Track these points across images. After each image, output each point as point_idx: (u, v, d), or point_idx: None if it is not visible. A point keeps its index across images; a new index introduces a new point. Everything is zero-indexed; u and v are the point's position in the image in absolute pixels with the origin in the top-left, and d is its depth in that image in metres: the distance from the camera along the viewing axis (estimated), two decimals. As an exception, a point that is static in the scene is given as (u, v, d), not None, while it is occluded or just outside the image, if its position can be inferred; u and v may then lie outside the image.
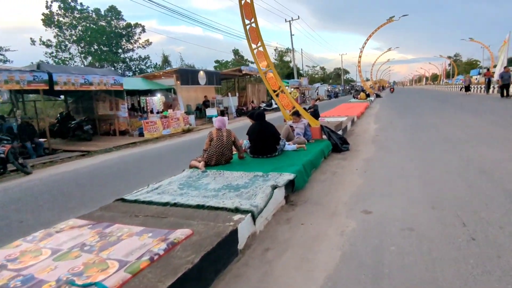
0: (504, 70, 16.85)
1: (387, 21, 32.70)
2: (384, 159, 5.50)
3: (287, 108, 6.87)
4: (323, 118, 11.08)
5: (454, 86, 40.88)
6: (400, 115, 12.55)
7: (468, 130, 7.59)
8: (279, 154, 5.25)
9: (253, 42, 6.83)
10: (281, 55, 50.98)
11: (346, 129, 9.06)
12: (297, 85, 31.32)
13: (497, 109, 11.46)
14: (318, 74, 75.70)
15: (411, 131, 8.19)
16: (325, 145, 6.03)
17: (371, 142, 7.25)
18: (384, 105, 19.48)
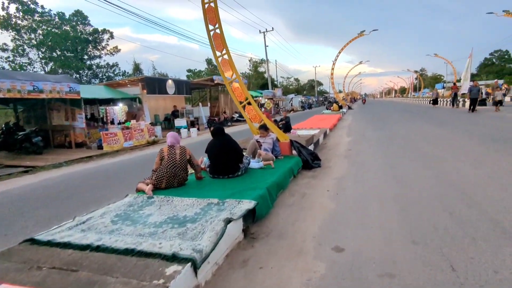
0: (473, 84, 16.95)
1: (358, 35, 33.58)
2: (357, 177, 5.05)
3: (255, 121, 6.33)
4: (295, 131, 10.68)
5: (422, 99, 42.49)
6: (373, 127, 12.43)
7: (441, 144, 7.40)
8: (242, 173, 4.66)
9: (218, 49, 6.27)
10: (255, 66, 51.02)
11: (318, 142, 8.66)
12: (271, 96, 31.14)
13: (467, 123, 11.43)
14: (293, 85, 76.67)
15: (384, 145, 7.91)
16: (295, 162, 5.52)
17: (343, 157, 6.85)
18: (356, 117, 19.57)
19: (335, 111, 23.73)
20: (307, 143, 6.91)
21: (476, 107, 16.21)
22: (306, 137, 7.32)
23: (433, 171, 4.95)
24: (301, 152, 5.92)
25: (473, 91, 16.28)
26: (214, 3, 6.09)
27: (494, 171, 4.71)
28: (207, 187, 4.14)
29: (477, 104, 16.42)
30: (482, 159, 5.54)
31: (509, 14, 27.55)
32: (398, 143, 7.98)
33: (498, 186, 4.01)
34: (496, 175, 4.51)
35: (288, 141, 6.07)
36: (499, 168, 4.89)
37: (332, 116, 18.56)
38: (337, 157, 6.86)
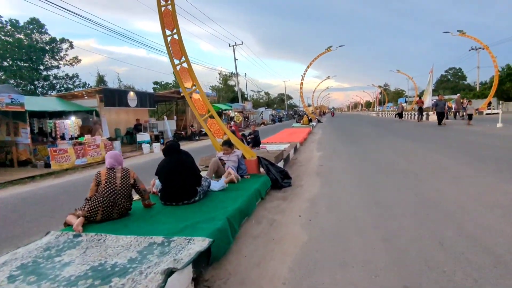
0: (438, 98, 17.15)
1: (325, 51, 34.40)
2: (331, 199, 4.53)
3: (218, 136, 5.69)
4: (265, 145, 10.16)
5: (388, 112, 44.04)
6: (343, 141, 12.21)
7: (416, 159, 7.16)
8: (200, 198, 3.97)
9: (176, 57, 5.62)
10: (225, 79, 50.70)
11: (288, 158, 8.16)
12: (241, 109, 30.72)
13: (438, 138, 11.36)
14: (263, 99, 77.17)
15: (356, 160, 7.56)
16: (263, 182, 4.92)
17: (315, 174, 6.36)
18: (326, 130, 19.52)
19: (305, 124, 23.70)
20: (276, 159, 6.36)
21: (443, 120, 16.43)
22: (275, 153, 6.78)
23: (412, 191, 4.55)
24: (270, 170, 5.34)
25: (439, 105, 16.38)
26: (172, 6, 5.47)
27: (475, 190, 4.38)
28: (154, 218, 3.40)
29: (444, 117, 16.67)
30: (460, 176, 5.25)
31: (463, 34, 29.48)
32: (371, 158, 7.67)
33: (485, 208, 3.64)
34: (478, 194, 4.17)
35: (255, 158, 5.48)
36: (479, 186, 4.59)
37: (302, 129, 18.36)
38: (308, 175, 6.36)
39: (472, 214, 3.46)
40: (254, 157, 5.48)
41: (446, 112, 21.65)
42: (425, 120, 22.27)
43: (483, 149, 7.97)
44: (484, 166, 5.83)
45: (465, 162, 6.36)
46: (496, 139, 9.79)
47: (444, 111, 16.50)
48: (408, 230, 3.16)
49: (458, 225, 3.16)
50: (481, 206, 3.69)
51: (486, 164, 6.00)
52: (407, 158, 7.35)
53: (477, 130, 13.09)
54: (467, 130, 13.09)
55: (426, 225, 3.24)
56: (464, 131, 12.78)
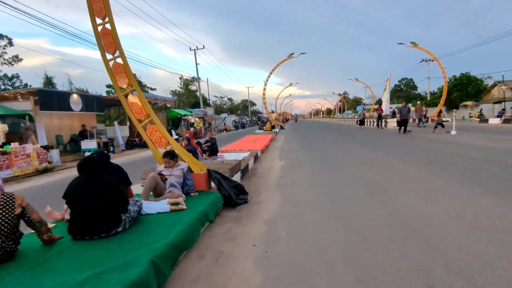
0: (402, 105, 16.59)
1: (288, 57, 34.50)
2: (293, 220, 3.83)
3: (160, 146, 4.78)
4: (223, 154, 9.34)
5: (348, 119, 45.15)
6: (306, 148, 11.74)
7: (383, 170, 6.75)
8: (126, 228, 3.05)
9: (108, 51, 4.65)
10: (186, 84, 49.20)
11: (247, 168, 7.41)
12: (202, 115, 29.60)
13: (399, 145, 11.10)
14: (226, 105, 76.37)
15: (320, 170, 7.01)
16: (212, 200, 4.10)
17: (276, 187, 5.67)
18: (288, 137, 19.14)
19: (267, 131, 23.24)
20: (232, 171, 5.58)
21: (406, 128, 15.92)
22: (231, 164, 5.99)
23: (384, 209, 3.99)
24: (222, 186, 4.54)
25: (403, 112, 15.84)
26: (103, -13, 4.51)
27: (451, 206, 3.92)
28: (49, 262, 2.42)
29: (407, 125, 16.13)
30: (430, 189, 4.84)
31: (415, 46, 31.08)
32: (335, 168, 7.16)
33: (466, 231, 3.13)
34: (454, 212, 3.70)
35: (205, 172, 4.65)
36: (453, 201, 4.16)
37: (265, 136, 17.81)
38: (268, 188, 5.65)
39: (457, 239, 2.93)
40: (204, 170, 4.65)
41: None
42: (384, 127, 22.85)
43: (446, 157, 7.84)
44: (452, 177, 5.52)
45: (431, 172, 6.05)
46: (456, 147, 9.86)
47: (407, 118, 16.05)
48: (386, 265, 2.52)
49: (445, 258, 2.58)
50: (464, 230, 3.18)
51: (453, 175, 5.71)
52: (373, 167, 6.94)
53: (436, 137, 13.35)
54: (428, 138, 13.25)
55: (406, 257, 2.63)
56: (425, 139, 12.91)
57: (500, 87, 33.66)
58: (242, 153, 9.57)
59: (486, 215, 3.48)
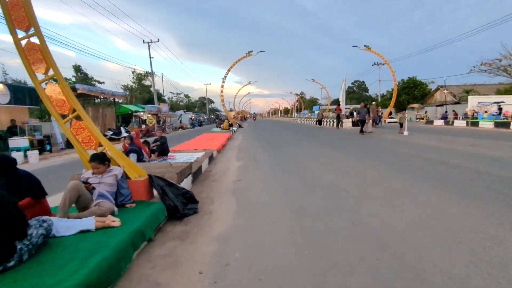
0: (360, 106, 16.63)
1: (246, 55, 34.10)
2: (249, 236, 3.26)
3: (89, 146, 3.92)
4: (174, 154, 8.52)
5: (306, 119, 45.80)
6: (264, 148, 11.28)
7: (345, 172, 6.45)
8: (18, 263, 2.24)
9: (19, 27, 3.69)
10: (140, 79, 46.48)
11: (200, 170, 6.72)
12: (155, 111, 27.97)
13: (359, 146, 10.97)
14: (183, 102, 73.97)
15: (279, 172, 6.55)
16: (153, 214, 3.38)
17: (231, 192, 5.08)
18: (246, 136, 18.63)
19: (225, 129, 22.55)
20: (181, 175, 4.86)
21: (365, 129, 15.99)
22: (180, 167, 5.26)
23: (350, 219, 3.57)
24: (167, 194, 3.83)
25: (361, 113, 15.91)
26: None
27: (419, 215, 3.63)
28: None
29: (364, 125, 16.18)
30: (394, 193, 4.56)
31: (368, 49, 32.39)
32: (295, 170, 6.74)
33: (442, 247, 2.81)
34: (425, 223, 3.40)
35: (146, 178, 3.89)
36: (421, 209, 3.89)
37: (222, 135, 17.12)
38: (222, 194, 5.03)
39: (434, 259, 2.57)
40: (143, 176, 3.89)
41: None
42: (341, 127, 23.33)
43: (404, 159, 7.82)
44: (415, 180, 5.35)
45: (393, 175, 5.87)
46: (412, 147, 10.04)
47: (365, 119, 15.99)
48: None
49: (423, 281, 2.19)
50: (437, 244, 2.85)
51: (415, 178, 5.56)
52: (334, 170, 6.63)
53: (391, 138, 13.69)
54: (384, 139, 13.49)
55: (382, 283, 2.19)
56: (381, 140, 13.15)
57: (442, 91, 36.48)
58: (196, 153, 8.83)
59: (459, 226, 3.21)
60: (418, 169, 6.29)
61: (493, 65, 40.86)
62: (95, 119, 19.04)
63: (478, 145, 9.76)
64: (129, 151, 5.99)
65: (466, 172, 5.81)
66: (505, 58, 39.86)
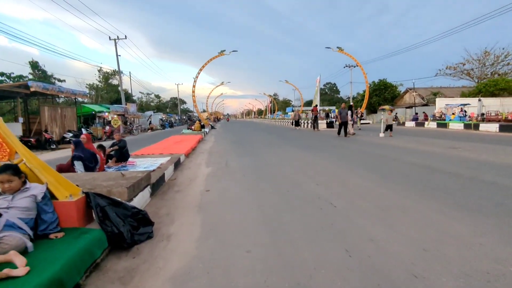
0: (341, 107, 15.21)
1: (218, 54, 33.29)
2: (216, 273, 2.47)
3: (1, 157, 2.95)
4: (134, 160, 7.54)
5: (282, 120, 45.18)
6: (238, 152, 10.47)
7: (325, 180, 5.82)
8: None
9: None
10: (106, 78, 44.03)
11: (163, 179, 5.83)
12: (122, 112, 26.31)
13: (339, 149, 10.12)
14: (154, 102, 71.48)
15: (254, 181, 5.79)
16: (83, 248, 2.49)
17: (196, 208, 4.26)
18: (219, 138, 17.72)
19: (196, 131, 21.51)
20: (134, 189, 3.98)
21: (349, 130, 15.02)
22: (136, 177, 4.37)
23: (342, 245, 2.87)
24: (109, 218, 2.95)
25: (342, 114, 14.59)
26: None
27: (422, 236, 3.02)
28: None
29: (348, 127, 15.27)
30: (387, 207, 3.96)
31: (341, 51, 32.59)
32: (272, 178, 6.02)
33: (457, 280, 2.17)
34: (434, 248, 2.78)
35: (80, 198, 2.98)
36: (422, 228, 3.28)
37: (192, 136, 16.13)
38: (186, 209, 4.20)
39: None
40: (76, 195, 2.98)
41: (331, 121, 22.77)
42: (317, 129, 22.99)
43: (388, 164, 7.32)
44: (404, 189, 4.80)
45: (380, 183, 5.30)
46: (393, 151, 9.68)
47: (347, 120, 14.81)
48: None
49: None
50: (457, 283, 2.22)
51: (404, 186, 5.02)
52: (316, 178, 5.97)
53: (370, 140, 13.37)
54: (364, 141, 13.09)
55: None
56: (361, 142, 12.75)
57: (411, 93, 37.53)
58: (160, 159, 7.88)
59: (476, 254, 2.61)
60: (406, 176, 5.76)
61: (457, 69, 42.91)
62: (53, 120, 17.34)
63: (458, 148, 9.57)
64: (73, 159, 4.99)
65: (459, 179, 5.37)
66: (468, 62, 42.03)
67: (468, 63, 41.72)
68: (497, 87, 33.35)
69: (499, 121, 21.41)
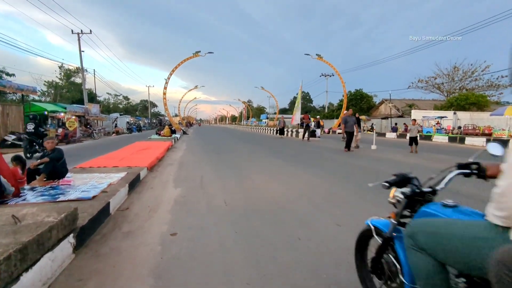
0: (347, 113, 12.35)
1: (193, 55, 31.32)
2: None
3: None
4: (70, 179, 5.54)
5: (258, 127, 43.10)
6: (215, 165, 8.55)
7: (337, 212, 4.21)
8: None
9: None
10: (68, 75, 40.32)
11: (107, 211, 3.93)
12: (82, 113, 23.48)
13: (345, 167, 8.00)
14: (122, 104, 67.47)
15: (241, 215, 4.03)
16: None
17: (151, 279, 2.43)
18: (192, 145, 15.67)
19: (166, 137, 19.34)
20: (23, 255, 2.10)
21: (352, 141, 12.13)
22: (46, 222, 2.48)
23: None
24: None
25: (349, 122, 11.76)
26: None
27: None
28: None
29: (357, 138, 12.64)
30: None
31: (320, 58, 31.79)
32: (268, 210, 4.30)
33: None
34: None
35: None
36: None
37: (160, 143, 14.04)
38: (132, 284, 2.37)
39: None
40: None
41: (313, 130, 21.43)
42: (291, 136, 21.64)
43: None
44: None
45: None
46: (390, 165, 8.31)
47: (353, 130, 11.91)
48: None
49: None
50: None
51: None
52: (331, 210, 4.34)
53: (368, 154, 12.06)
54: (366, 156, 11.85)
55: None
56: (371, 159, 11.41)
57: (387, 104, 37.54)
58: (112, 174, 5.92)
59: None
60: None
61: (429, 82, 43.90)
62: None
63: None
64: None
65: None
66: (438, 76, 43.12)
67: (439, 77, 42.83)
68: (467, 101, 34.14)
69: (477, 135, 21.32)
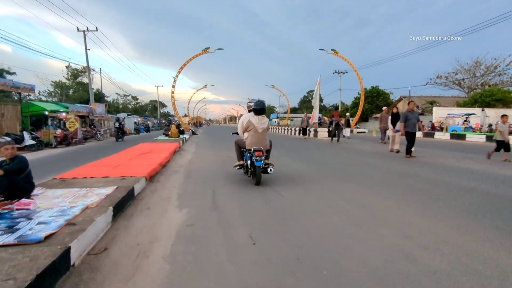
0: (408, 108, 9.59)
1: (202, 51, 30.06)
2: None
3: None
4: (33, 201, 4.07)
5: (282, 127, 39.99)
6: (231, 175, 7.05)
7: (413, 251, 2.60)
8: None
9: None
10: (75, 75, 39.47)
11: (66, 260, 2.44)
12: (85, 113, 22.31)
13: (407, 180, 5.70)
14: (131, 104, 66.77)
15: (280, 266, 2.48)
16: None
17: None
18: (201, 147, 14.16)
19: (173, 137, 17.96)
20: None
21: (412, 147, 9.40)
22: None
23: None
24: None
25: (412, 120, 9.17)
26: None
27: None
28: None
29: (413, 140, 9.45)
30: None
31: (336, 53, 30.01)
32: (320, 258, 2.76)
33: None
34: None
35: None
36: None
37: (166, 145, 12.61)
38: None
39: None
40: None
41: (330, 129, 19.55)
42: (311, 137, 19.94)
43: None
44: None
45: None
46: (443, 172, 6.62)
47: (415, 131, 9.29)
48: None
49: None
50: None
51: None
52: (423, 260, 2.77)
53: (428, 162, 10.34)
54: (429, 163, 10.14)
55: None
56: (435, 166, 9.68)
57: (405, 102, 35.47)
58: (96, 190, 4.45)
59: None
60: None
61: (449, 78, 41.51)
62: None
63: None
64: None
65: None
66: (459, 72, 40.71)
67: (460, 73, 40.43)
68: (493, 98, 31.88)
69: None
